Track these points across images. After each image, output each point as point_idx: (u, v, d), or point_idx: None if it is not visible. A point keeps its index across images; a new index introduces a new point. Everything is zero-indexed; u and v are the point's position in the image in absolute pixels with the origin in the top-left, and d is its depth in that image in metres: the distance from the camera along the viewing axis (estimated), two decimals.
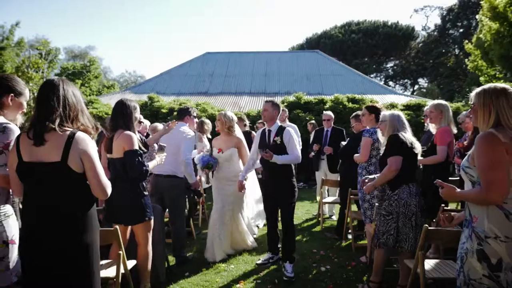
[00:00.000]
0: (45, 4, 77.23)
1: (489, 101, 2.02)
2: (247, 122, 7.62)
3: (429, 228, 2.90)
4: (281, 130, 4.27)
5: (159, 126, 6.43)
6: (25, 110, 2.61)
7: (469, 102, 2.18)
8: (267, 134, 4.34)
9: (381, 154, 3.70)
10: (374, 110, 4.46)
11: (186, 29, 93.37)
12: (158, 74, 20.97)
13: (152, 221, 3.36)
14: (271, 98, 4.41)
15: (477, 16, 14.39)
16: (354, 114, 5.64)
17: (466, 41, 14.95)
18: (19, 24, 20.81)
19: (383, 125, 3.68)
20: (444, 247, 3.77)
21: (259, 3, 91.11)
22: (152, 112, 12.73)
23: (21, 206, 2.71)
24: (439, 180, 2.30)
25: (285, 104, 13.01)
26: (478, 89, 2.12)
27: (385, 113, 3.75)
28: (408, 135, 3.53)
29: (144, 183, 3.34)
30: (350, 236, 5.28)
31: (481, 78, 14.38)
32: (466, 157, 2.10)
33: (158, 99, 13.94)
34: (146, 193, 3.34)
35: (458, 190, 2.18)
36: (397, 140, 3.45)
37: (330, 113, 6.96)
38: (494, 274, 1.89)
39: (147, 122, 7.07)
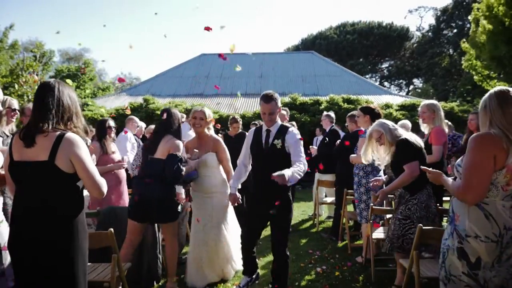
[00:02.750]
0: (39, 6, 76.85)
1: (483, 104, 2.04)
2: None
3: (424, 228, 2.91)
4: (283, 130, 3.38)
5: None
6: (2, 110, 2.61)
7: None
8: (264, 135, 3.44)
9: (389, 160, 3.55)
10: (368, 111, 4.44)
11: (181, 31, 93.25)
12: (154, 76, 20.93)
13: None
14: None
15: (469, 17, 14.47)
16: (350, 113, 5.67)
17: (464, 40, 14.97)
18: (13, 27, 20.74)
19: (383, 139, 3.53)
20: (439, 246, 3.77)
21: (254, 5, 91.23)
22: (148, 114, 12.70)
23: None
24: (424, 167, 2.48)
25: (281, 105, 13.04)
26: (492, 91, 2.11)
27: (369, 130, 3.66)
28: (409, 134, 3.50)
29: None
30: (346, 237, 5.29)
31: (475, 78, 14.45)
32: (462, 156, 2.13)
33: (154, 101, 13.91)
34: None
35: (444, 176, 2.27)
36: (409, 144, 3.37)
37: (326, 112, 6.92)
38: (472, 272, 1.94)
39: (142, 125, 7.07)
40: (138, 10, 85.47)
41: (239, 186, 3.70)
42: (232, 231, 4.10)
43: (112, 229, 2.98)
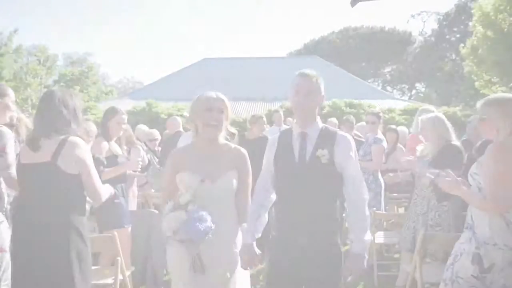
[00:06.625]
0: (43, 11, 77.49)
1: (502, 111, 1.97)
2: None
3: (426, 233, 2.91)
4: (330, 135, 2.00)
5: (155, 133, 6.28)
6: (14, 113, 2.61)
7: (480, 116, 2.09)
8: (298, 141, 2.00)
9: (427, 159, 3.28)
10: (381, 117, 4.49)
11: (184, 35, 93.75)
12: (157, 80, 21.03)
13: (129, 229, 3.32)
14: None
15: (470, 23, 14.48)
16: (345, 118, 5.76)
17: (462, 44, 14.94)
18: (18, 31, 20.92)
19: (424, 132, 3.34)
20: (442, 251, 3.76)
21: (256, 9, 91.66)
22: (151, 118, 12.75)
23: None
24: (449, 171, 2.12)
25: (284, 109, 13.06)
26: (485, 101, 2.05)
27: (423, 119, 3.33)
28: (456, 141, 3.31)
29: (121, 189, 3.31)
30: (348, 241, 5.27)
31: (476, 83, 14.40)
32: (476, 163, 2.09)
33: (156, 105, 13.97)
34: (120, 198, 3.29)
35: (463, 187, 2.09)
36: (459, 152, 3.20)
37: (332, 119, 6.91)
38: (482, 275, 1.94)
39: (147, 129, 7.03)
40: (141, 14, 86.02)
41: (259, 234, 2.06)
42: None
43: (115, 233, 2.99)
